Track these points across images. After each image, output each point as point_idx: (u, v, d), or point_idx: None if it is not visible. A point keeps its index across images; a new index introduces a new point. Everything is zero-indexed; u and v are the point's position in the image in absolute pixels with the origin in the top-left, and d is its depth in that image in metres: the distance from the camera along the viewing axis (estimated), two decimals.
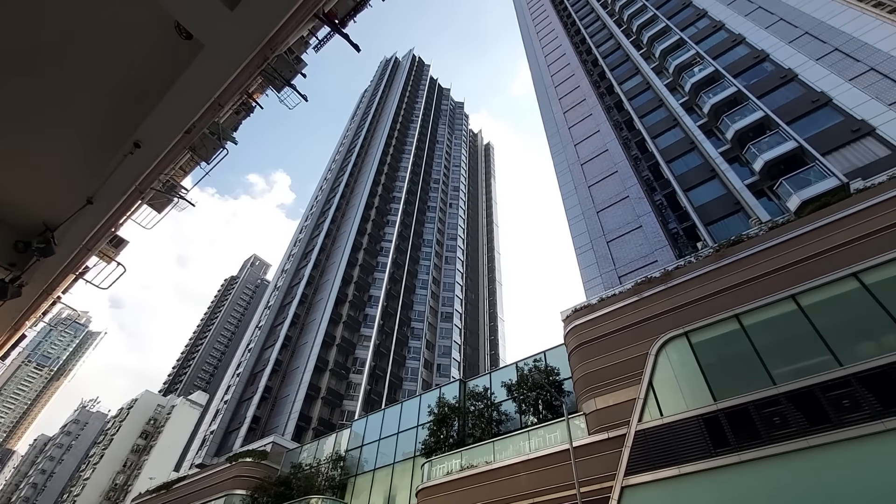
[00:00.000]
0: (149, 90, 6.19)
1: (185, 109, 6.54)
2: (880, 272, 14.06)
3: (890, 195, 15.04)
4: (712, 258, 17.89)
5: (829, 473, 12.00)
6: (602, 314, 19.47)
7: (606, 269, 25.01)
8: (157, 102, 6.26)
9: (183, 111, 6.56)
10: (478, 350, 67.26)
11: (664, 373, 16.51)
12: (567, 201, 30.85)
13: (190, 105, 6.49)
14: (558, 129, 37.62)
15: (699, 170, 25.80)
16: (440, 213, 79.26)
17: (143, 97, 6.24)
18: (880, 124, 20.17)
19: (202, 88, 6.28)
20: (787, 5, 29.72)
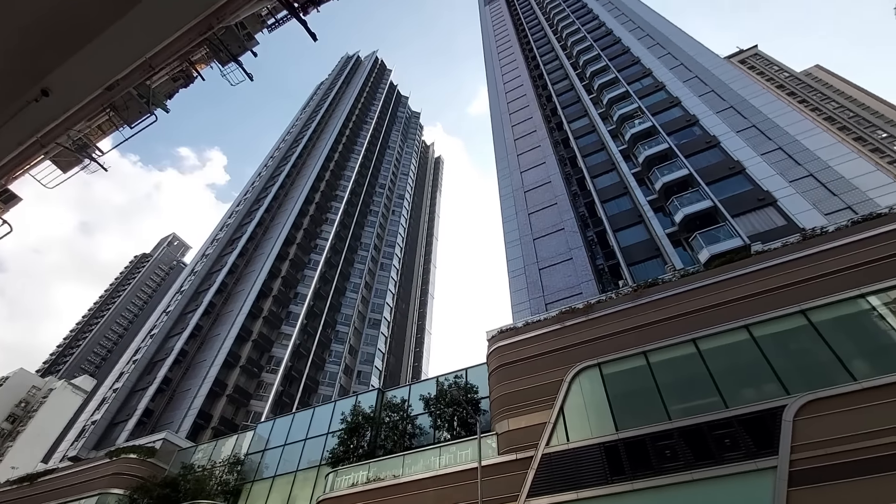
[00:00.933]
0: (69, 35, 5.49)
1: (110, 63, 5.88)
2: (767, 327, 15.75)
3: (781, 260, 17.00)
4: (630, 297, 19.12)
5: None
6: (525, 338, 20.05)
7: (535, 295, 25.91)
8: (78, 50, 5.56)
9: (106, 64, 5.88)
10: (401, 360, 66.62)
11: (575, 400, 17.24)
12: (507, 225, 31.74)
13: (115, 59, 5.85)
14: (507, 154, 38.85)
15: (629, 214, 27.69)
16: (381, 219, 78.39)
17: (61, 41, 5.52)
18: (781, 197, 22.88)
19: (133, 44, 5.68)
20: (719, 79, 33.14)
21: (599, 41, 45.66)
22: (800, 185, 23.50)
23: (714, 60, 35.77)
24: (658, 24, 44.39)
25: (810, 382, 13.83)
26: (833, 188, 22.75)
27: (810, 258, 16.59)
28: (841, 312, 15.11)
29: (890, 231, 15.95)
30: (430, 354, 72.92)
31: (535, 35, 59.87)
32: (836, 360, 14.01)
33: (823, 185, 23.17)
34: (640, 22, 46.47)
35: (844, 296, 15.17)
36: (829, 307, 15.26)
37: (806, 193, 22.87)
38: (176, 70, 8.02)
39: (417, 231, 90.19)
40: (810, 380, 13.93)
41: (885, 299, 14.72)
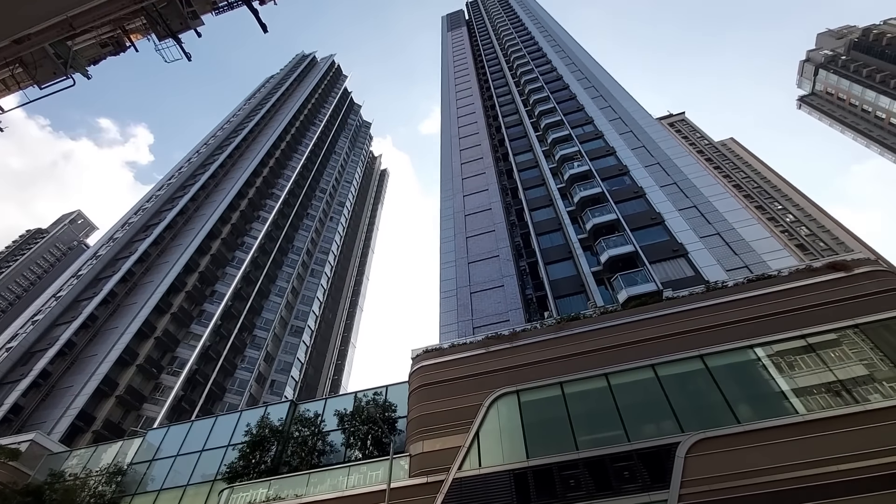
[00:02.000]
0: None
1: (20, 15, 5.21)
2: (670, 368, 17.04)
3: (687, 308, 18.59)
4: (553, 328, 19.90)
5: None
6: (449, 360, 20.10)
7: (464, 317, 26.19)
8: None
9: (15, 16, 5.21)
10: (321, 372, 64.00)
11: (491, 425, 17.44)
12: (444, 245, 32.05)
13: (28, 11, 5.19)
14: (453, 177, 39.54)
15: (560, 249, 29.09)
16: (318, 224, 76.02)
17: None
18: (692, 251, 25.20)
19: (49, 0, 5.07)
20: (650, 137, 36.28)
21: (550, 84, 48.39)
22: (708, 242, 26.06)
23: (647, 120, 39.18)
24: (603, 78, 47.98)
25: (702, 422, 15.06)
26: (735, 248, 25.47)
27: (710, 308, 18.31)
28: (732, 360, 16.72)
29: (777, 291, 18.06)
30: (352, 368, 70.89)
31: (491, 67, 62.23)
32: (724, 403, 15.41)
33: (727, 244, 25.88)
34: (588, 73, 49.98)
35: (736, 345, 16.83)
36: (722, 354, 16.84)
37: (712, 250, 25.37)
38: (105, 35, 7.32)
39: (354, 241, 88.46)
40: (702, 420, 15.18)
41: (769, 351, 16.53)
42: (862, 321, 16.19)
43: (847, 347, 16.07)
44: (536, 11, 77.02)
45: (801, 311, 17.11)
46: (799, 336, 16.50)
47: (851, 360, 15.71)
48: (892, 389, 14.46)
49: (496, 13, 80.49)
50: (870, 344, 15.74)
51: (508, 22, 73.53)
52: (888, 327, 15.99)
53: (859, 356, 15.72)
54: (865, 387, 14.83)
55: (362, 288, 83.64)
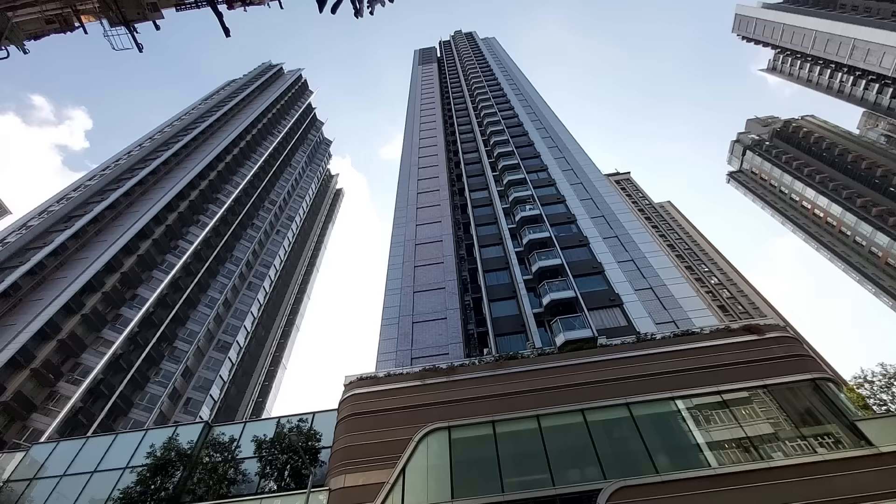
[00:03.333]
0: None
1: None
2: (598, 414, 17.49)
3: (618, 356, 19.36)
4: (491, 366, 19.97)
5: None
6: (383, 389, 19.53)
7: (404, 347, 25.72)
8: None
9: None
10: (244, 393, 59.96)
11: (419, 462, 16.92)
12: (391, 272, 31.71)
13: None
14: (408, 205, 39.68)
15: (505, 287, 29.62)
16: (263, 236, 73.05)
17: None
18: (627, 302, 26.48)
19: None
20: (598, 191, 38.52)
21: (510, 129, 50.53)
22: (641, 295, 27.56)
23: (597, 174, 41.68)
24: (560, 130, 50.82)
25: (624, 470, 15.44)
26: (665, 303, 27.09)
27: (639, 359, 19.17)
28: (655, 410, 17.45)
29: (698, 348, 19.26)
30: (279, 391, 67.05)
31: (457, 105, 64.24)
32: (646, 453, 15.93)
33: (658, 298, 27.49)
34: (546, 123, 52.80)
35: (659, 396, 17.63)
36: (647, 404, 17.55)
37: (645, 303, 26.82)
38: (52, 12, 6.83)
39: (299, 258, 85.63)
40: (624, 468, 15.56)
41: (689, 405, 17.44)
42: (770, 382, 17.54)
43: (757, 406, 17.29)
44: (504, 60, 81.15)
45: (718, 369, 18.30)
46: (715, 392, 17.57)
47: (760, 419, 16.87)
48: (793, 448, 15.61)
49: (466, 55, 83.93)
50: (776, 404, 17.03)
51: (477, 65, 76.79)
52: (791, 390, 17.41)
53: (767, 415, 16.93)
54: (770, 444, 15.91)
55: (302, 307, 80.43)
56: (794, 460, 14.92)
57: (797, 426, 16.31)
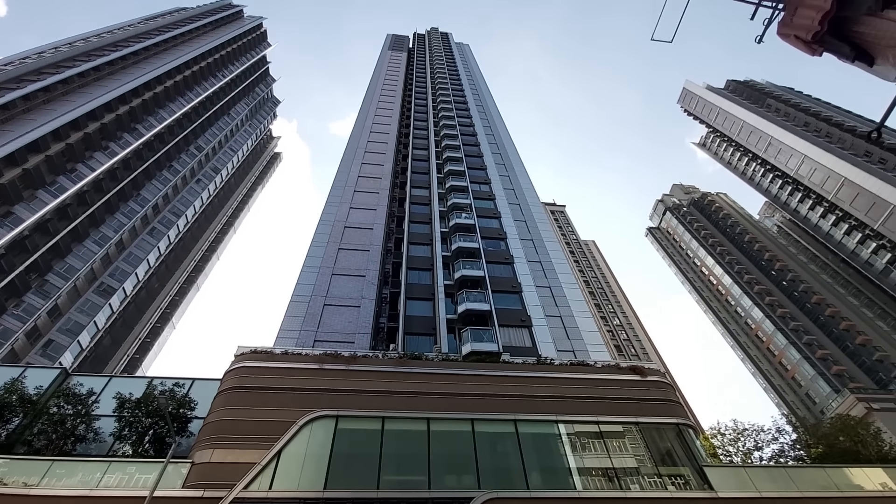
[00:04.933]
0: None
1: None
2: (487, 426, 17.85)
3: (517, 374, 19.96)
4: (394, 362, 19.69)
5: None
6: (277, 367, 18.48)
7: (310, 327, 24.63)
8: None
9: None
10: (120, 346, 54.17)
11: (299, 447, 16.15)
12: (313, 249, 30.36)
13: None
14: (346, 185, 38.40)
15: (425, 288, 29.55)
16: (180, 182, 66.95)
17: None
18: (536, 325, 27.55)
19: None
20: (532, 216, 39.94)
21: (464, 136, 50.98)
22: (551, 321, 28.86)
23: (535, 200, 43.25)
24: (510, 150, 52.20)
25: (499, 482, 15.86)
26: (569, 332, 28.58)
27: (535, 380, 19.93)
28: (539, 430, 18.20)
29: (588, 378, 20.44)
30: (162, 351, 61.52)
31: (417, 99, 63.67)
32: (522, 469, 16.50)
33: (564, 327, 28.95)
34: (499, 140, 54.01)
35: (545, 417, 18.41)
36: (533, 423, 18.25)
37: (552, 329, 28.10)
38: None
39: (217, 214, 79.60)
40: (499, 480, 15.99)
41: (570, 430, 18.39)
42: (642, 421, 19.02)
43: (628, 440, 18.65)
44: (473, 70, 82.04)
45: (602, 401, 19.53)
46: (594, 421, 18.70)
47: (628, 452, 18.21)
48: (649, 483, 16.99)
49: (438, 54, 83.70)
50: (643, 441, 18.48)
51: (446, 67, 76.84)
52: (658, 430, 19.01)
53: (634, 450, 18.31)
54: (631, 477, 17.20)
55: (208, 266, 74.69)
56: (647, 494, 16.23)
57: (657, 464, 17.79)
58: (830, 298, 68.06)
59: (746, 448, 27.97)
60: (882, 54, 6.20)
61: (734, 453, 27.78)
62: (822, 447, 25.37)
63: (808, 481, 17.90)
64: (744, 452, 27.74)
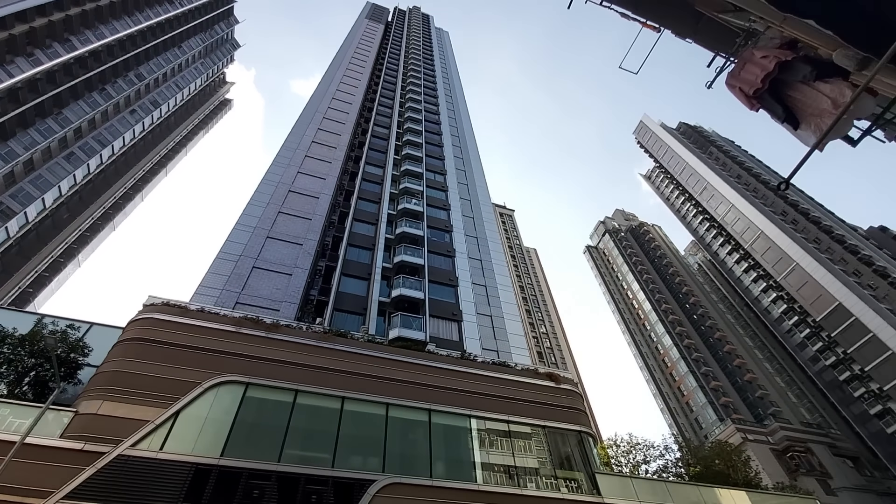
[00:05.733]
0: None
1: None
2: (401, 412, 17.93)
3: (439, 365, 20.20)
4: (318, 336, 19.21)
5: None
6: (189, 324, 17.39)
7: (233, 288, 23.39)
8: None
9: None
10: (11, 276, 48.59)
11: (200, 410, 15.35)
12: (250, 208, 28.82)
13: None
14: (297, 148, 36.74)
15: (362, 267, 29.06)
16: (111, 108, 60.85)
17: None
18: (466, 321, 28.01)
19: None
20: (482, 215, 40.47)
21: (428, 123, 50.52)
22: (481, 319, 29.44)
23: (486, 199, 43.82)
24: (471, 145, 52.43)
25: (404, 468, 16.01)
26: (497, 333, 29.32)
27: (456, 373, 20.26)
28: (451, 423, 18.55)
29: (507, 379, 21.09)
30: (61, 288, 56.00)
31: (387, 76, 62.13)
32: (428, 458, 16.77)
33: (493, 327, 29.65)
34: (461, 132, 54.06)
35: (459, 411, 18.80)
36: (446, 415, 18.56)
37: (481, 327, 28.69)
38: None
39: (149, 152, 73.17)
40: (405, 466, 16.14)
41: (481, 426, 18.91)
42: (549, 425, 19.96)
43: (533, 442, 19.50)
44: (448, 58, 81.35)
45: (515, 402, 20.26)
46: (505, 420, 19.37)
47: (531, 453, 19.06)
48: (546, 483, 17.90)
49: (416, 35, 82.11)
50: (547, 445, 19.42)
51: (422, 50, 75.58)
52: (562, 436, 20.05)
53: (537, 452, 19.19)
54: (531, 476, 18.03)
55: (129, 206, 68.80)
56: (541, 493, 17.09)
57: (555, 466, 18.77)
58: (731, 337, 75.05)
59: (636, 460, 30.28)
60: (806, 120, 6.83)
61: (625, 464, 29.98)
62: (699, 467, 27.99)
63: (682, 496, 19.67)
64: (633, 464, 30.01)
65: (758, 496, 21.62)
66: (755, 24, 8.29)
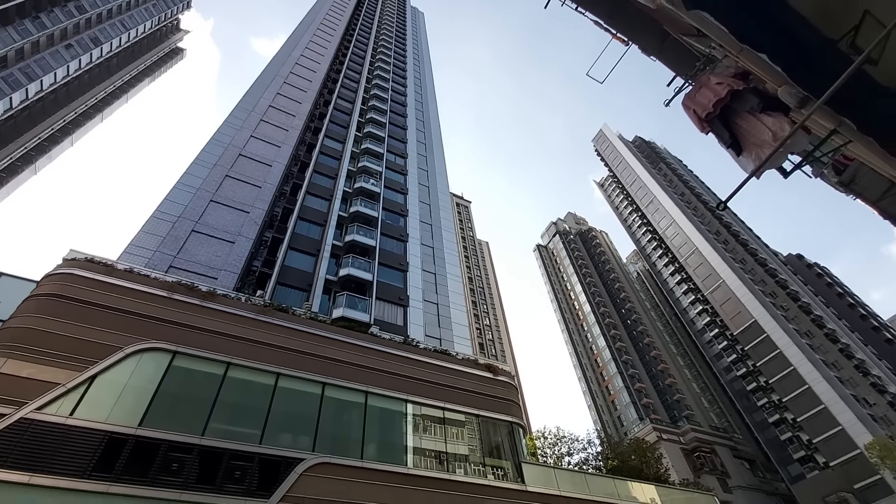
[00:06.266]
0: None
1: None
2: (336, 392, 17.70)
3: (379, 348, 20.12)
4: (257, 309, 18.52)
5: None
6: (114, 283, 16.21)
7: (168, 251, 21.98)
8: None
9: None
10: None
11: (120, 376, 14.41)
12: (195, 168, 27.08)
13: None
14: (252, 111, 34.86)
15: (311, 242, 28.24)
16: (44, 39, 54.92)
17: None
18: (412, 307, 28.03)
19: None
20: (438, 203, 40.42)
21: (394, 103, 49.57)
22: (427, 307, 29.56)
23: (445, 188, 43.81)
24: (435, 132, 52.05)
25: (335, 449, 15.86)
26: (442, 322, 29.57)
27: (396, 358, 20.27)
28: (387, 406, 18.58)
29: (446, 367, 21.38)
30: None
31: (356, 49, 60.18)
32: (361, 439, 16.73)
33: (438, 315, 29.88)
34: (427, 117, 53.53)
35: (397, 395, 18.86)
36: (383, 399, 18.56)
37: (426, 314, 28.81)
38: None
39: (84, 93, 66.83)
40: (336, 447, 15.99)
41: (417, 411, 19.07)
42: (483, 414, 20.48)
43: (466, 430, 19.95)
44: (421, 40, 79.94)
45: (452, 390, 20.60)
46: (441, 407, 19.66)
47: (463, 441, 19.50)
48: (474, 470, 18.41)
49: (389, 11, 79.88)
50: (479, 433, 19.94)
51: (395, 26, 73.74)
52: (494, 425, 20.65)
53: (469, 440, 19.67)
54: (460, 463, 18.48)
55: (56, 149, 62.65)
56: (468, 479, 17.56)
57: (485, 455, 19.35)
58: (658, 343, 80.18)
59: (561, 452, 31.85)
60: (748, 148, 7.31)
61: (550, 455, 31.44)
62: (617, 461, 29.87)
63: (598, 487, 20.92)
64: (557, 456, 31.54)
65: (664, 490, 23.40)
66: (714, 51, 8.73)
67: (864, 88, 6.06)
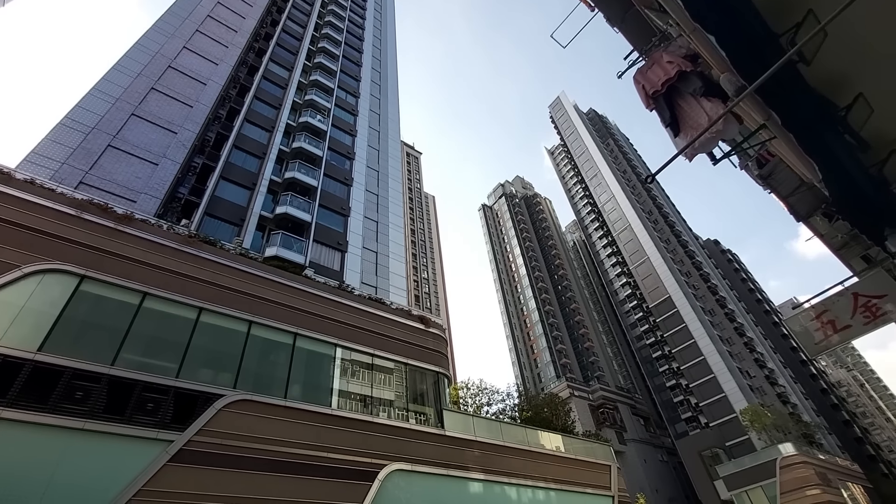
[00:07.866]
0: None
1: None
2: (262, 331, 17.33)
3: (312, 291, 19.79)
4: (181, 239, 17.35)
5: (96, 459, 11.71)
6: (12, 195, 14.40)
7: (79, 164, 19.72)
8: None
9: None
10: None
11: (17, 297, 13.19)
12: (114, 74, 23.95)
13: None
14: (187, 18, 31.06)
15: (247, 175, 26.53)
16: None
17: None
18: (350, 252, 27.59)
19: None
20: (388, 150, 39.17)
21: (350, 37, 46.30)
22: (366, 254, 29.24)
23: (396, 135, 42.39)
24: (391, 76, 49.60)
25: (257, 388, 15.70)
26: (379, 271, 29.47)
27: (329, 302, 20.07)
28: (316, 349, 18.53)
29: (379, 315, 21.52)
30: None
31: None
32: (286, 379, 16.66)
33: (376, 264, 29.71)
34: (384, 58, 50.72)
35: (327, 339, 18.83)
36: (312, 341, 18.45)
37: (364, 262, 28.54)
38: None
39: None
40: (259, 386, 15.83)
41: (346, 356, 19.21)
42: (411, 363, 21.07)
43: (394, 377, 20.47)
44: None
45: (384, 338, 20.90)
46: (370, 353, 19.94)
47: (389, 387, 20.04)
48: (397, 415, 19.10)
49: None
50: (405, 381, 20.56)
51: None
52: (421, 374, 21.36)
53: (396, 386, 20.24)
54: (384, 407, 19.06)
55: None
56: (388, 421, 18.24)
57: (409, 401, 20.07)
58: (582, 309, 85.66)
59: (481, 402, 33.82)
60: (685, 130, 7.61)
61: (471, 405, 33.30)
62: (531, 413, 32.25)
63: (511, 435, 22.61)
64: (478, 405, 33.48)
65: (568, 440, 25.79)
66: (671, 29, 8.83)
67: (794, 86, 6.43)
